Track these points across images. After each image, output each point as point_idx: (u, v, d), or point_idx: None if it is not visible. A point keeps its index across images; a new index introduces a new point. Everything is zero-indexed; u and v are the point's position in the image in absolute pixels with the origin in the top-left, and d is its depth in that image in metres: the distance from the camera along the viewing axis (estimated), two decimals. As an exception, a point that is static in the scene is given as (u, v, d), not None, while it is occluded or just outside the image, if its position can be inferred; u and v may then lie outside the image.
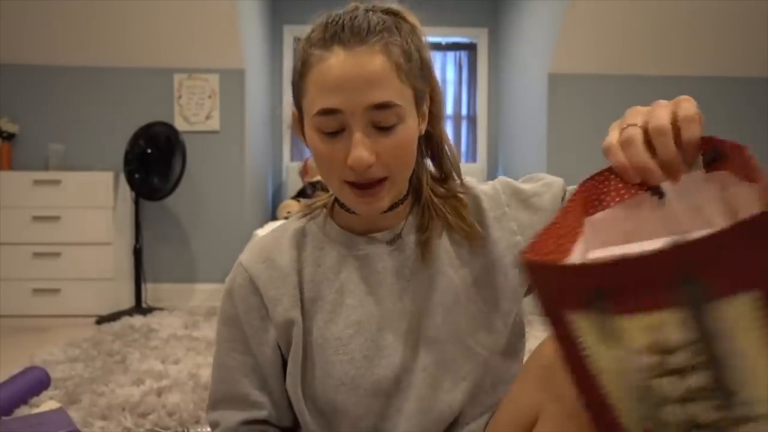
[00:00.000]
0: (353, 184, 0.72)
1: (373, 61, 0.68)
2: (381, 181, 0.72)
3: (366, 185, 0.72)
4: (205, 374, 2.00)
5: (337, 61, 0.68)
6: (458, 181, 0.84)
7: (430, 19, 5.11)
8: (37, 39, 3.70)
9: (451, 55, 5.27)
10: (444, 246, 0.80)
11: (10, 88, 3.81)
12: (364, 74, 0.68)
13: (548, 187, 0.84)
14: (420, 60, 0.75)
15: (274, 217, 4.43)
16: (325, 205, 0.86)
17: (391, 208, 0.78)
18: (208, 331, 2.84)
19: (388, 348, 0.78)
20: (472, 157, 5.23)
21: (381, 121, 0.70)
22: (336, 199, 0.83)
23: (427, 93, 0.78)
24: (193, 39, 3.76)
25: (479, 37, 5.16)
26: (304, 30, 0.77)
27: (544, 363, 0.65)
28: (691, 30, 3.72)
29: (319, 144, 0.72)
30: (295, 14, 4.94)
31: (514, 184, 0.85)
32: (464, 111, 5.27)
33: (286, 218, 4.00)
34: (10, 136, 3.71)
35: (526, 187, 0.84)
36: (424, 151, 0.83)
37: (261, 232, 3.22)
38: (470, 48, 5.25)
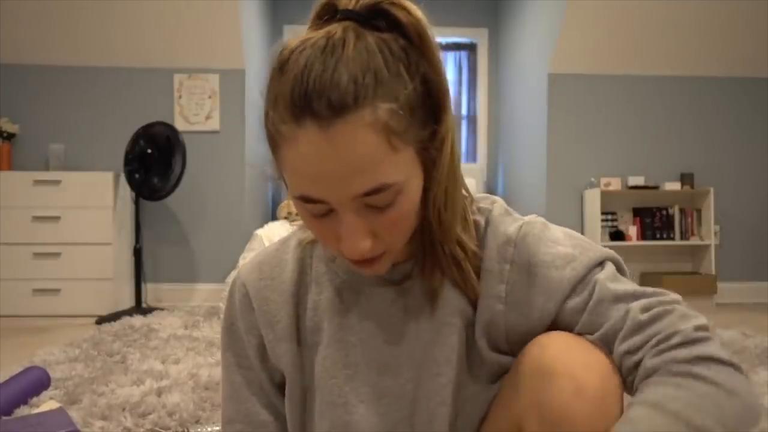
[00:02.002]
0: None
1: (357, 142, 0.53)
2: (380, 255, 0.62)
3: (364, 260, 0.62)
4: (205, 374, 2.00)
5: (311, 146, 0.53)
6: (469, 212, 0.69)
7: (430, 19, 5.11)
8: (37, 39, 3.70)
9: (451, 55, 5.27)
10: (455, 290, 0.69)
11: (10, 88, 3.81)
12: (347, 162, 0.53)
13: (568, 263, 0.65)
14: (423, 92, 0.57)
15: (274, 217, 4.43)
16: None
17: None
18: (208, 331, 2.84)
19: (387, 397, 0.71)
20: (472, 157, 5.23)
21: (375, 202, 0.57)
22: None
23: (430, 118, 0.60)
24: (194, 39, 3.76)
25: (479, 37, 5.16)
26: (303, 30, 0.64)
27: (526, 370, 0.62)
28: (690, 30, 3.72)
29: (306, 219, 0.62)
30: (295, 14, 4.93)
31: (535, 239, 0.67)
32: (464, 111, 5.27)
33: (286, 218, 4.00)
34: (10, 136, 3.72)
35: (545, 248, 0.66)
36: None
37: (261, 232, 3.22)
38: (470, 48, 5.25)
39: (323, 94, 0.52)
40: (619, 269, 0.67)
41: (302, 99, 0.52)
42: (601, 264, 0.65)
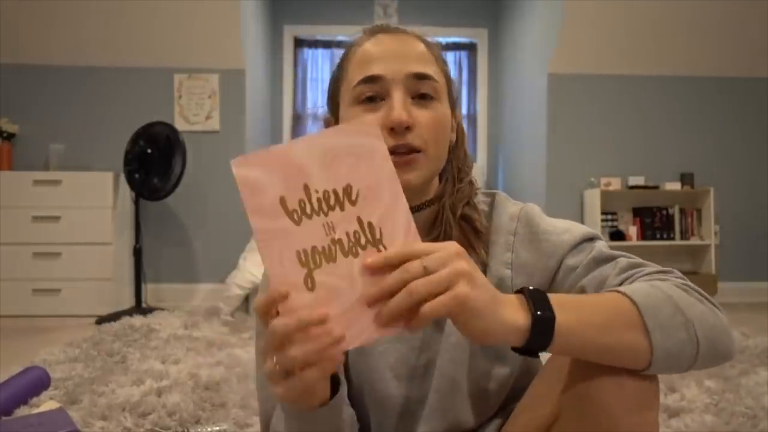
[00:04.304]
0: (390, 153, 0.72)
1: (415, 42, 0.75)
2: (417, 152, 0.72)
3: (402, 153, 0.71)
4: (205, 374, 2.00)
5: (380, 40, 0.75)
6: (472, 185, 0.82)
7: (430, 19, 5.12)
8: (37, 39, 3.70)
9: (451, 55, 5.27)
10: None
11: (10, 88, 3.81)
12: (407, 48, 0.74)
13: (565, 231, 0.76)
14: (448, 73, 0.81)
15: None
16: None
17: (420, 209, 0.76)
18: (208, 331, 2.84)
19: (417, 370, 0.77)
20: (472, 157, 5.23)
21: (421, 89, 0.72)
22: None
23: (454, 100, 0.80)
24: (193, 39, 3.76)
25: (479, 37, 5.16)
26: (304, 30, 0.78)
27: (563, 363, 0.64)
28: (690, 30, 3.72)
29: (356, 117, 0.73)
30: (295, 14, 4.94)
31: (536, 215, 0.79)
32: (464, 111, 5.27)
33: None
34: (10, 136, 3.71)
35: (545, 222, 0.78)
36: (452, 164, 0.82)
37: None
38: (470, 48, 5.25)
39: (393, 27, 0.77)
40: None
41: (377, 27, 0.77)
42: (593, 238, 0.76)
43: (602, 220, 3.84)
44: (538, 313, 0.54)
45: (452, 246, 0.53)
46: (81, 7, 3.54)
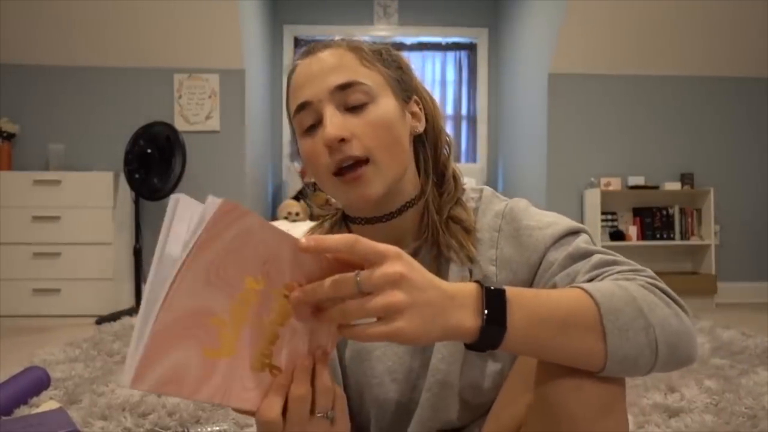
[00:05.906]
0: (338, 173, 0.71)
1: (334, 54, 0.74)
2: (363, 163, 0.70)
3: (350, 167, 0.70)
4: (205, 374, 2.00)
5: (304, 65, 0.75)
6: (455, 184, 0.82)
7: (430, 19, 5.12)
8: (37, 39, 3.70)
9: (451, 55, 5.27)
10: (457, 267, 0.77)
11: (10, 88, 3.81)
12: (325, 65, 0.73)
13: (549, 225, 0.75)
14: (395, 62, 0.78)
15: (274, 217, 4.43)
16: (334, 223, 0.84)
17: (401, 212, 0.77)
18: (208, 331, 2.83)
19: (413, 371, 0.78)
20: (472, 157, 5.23)
21: (349, 101, 0.71)
22: (345, 217, 0.83)
23: (409, 88, 0.79)
24: (193, 39, 3.76)
25: (479, 37, 5.16)
26: (304, 30, 0.78)
27: (528, 366, 0.64)
28: (690, 30, 3.72)
29: (304, 146, 0.74)
30: (295, 14, 4.94)
31: (520, 210, 0.78)
32: (464, 111, 5.27)
33: (286, 218, 3.97)
34: (10, 136, 3.71)
35: (528, 216, 0.78)
36: (427, 153, 0.81)
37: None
38: (470, 48, 5.25)
39: (320, 42, 0.76)
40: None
41: (305, 49, 0.77)
42: (577, 232, 0.74)
43: (602, 220, 3.84)
44: (486, 325, 0.52)
45: (394, 264, 0.49)
46: (81, 8, 3.54)
